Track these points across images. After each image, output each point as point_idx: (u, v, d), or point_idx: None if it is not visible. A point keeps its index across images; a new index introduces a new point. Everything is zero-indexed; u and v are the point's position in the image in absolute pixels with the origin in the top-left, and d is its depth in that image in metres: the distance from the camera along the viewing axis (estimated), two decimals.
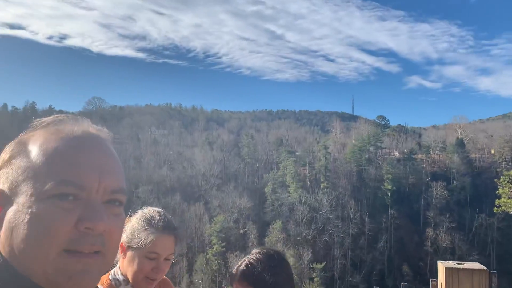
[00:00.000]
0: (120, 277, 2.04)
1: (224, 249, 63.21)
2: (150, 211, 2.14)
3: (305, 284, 56.93)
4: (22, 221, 0.82)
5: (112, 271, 2.09)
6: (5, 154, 0.92)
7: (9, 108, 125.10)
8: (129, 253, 2.02)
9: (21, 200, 0.84)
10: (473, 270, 2.71)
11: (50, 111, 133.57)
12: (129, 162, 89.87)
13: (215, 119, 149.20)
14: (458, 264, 2.84)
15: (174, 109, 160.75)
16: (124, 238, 2.04)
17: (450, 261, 2.94)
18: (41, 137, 0.90)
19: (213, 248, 63.77)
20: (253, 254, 2.10)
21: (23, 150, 0.90)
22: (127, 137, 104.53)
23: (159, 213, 2.13)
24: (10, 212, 0.85)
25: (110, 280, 2.05)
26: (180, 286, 59.56)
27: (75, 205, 0.84)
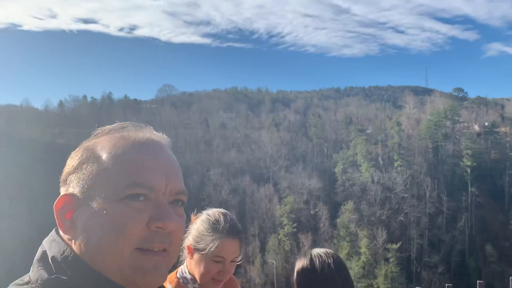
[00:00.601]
0: (188, 276, 2.11)
1: (295, 229, 63.36)
2: (215, 214, 2.15)
3: (380, 265, 55.56)
4: (97, 222, 0.89)
5: (180, 269, 2.17)
6: (74, 160, 0.97)
7: (89, 99, 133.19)
8: (196, 255, 2.08)
9: (95, 203, 0.90)
10: None
11: (125, 100, 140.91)
12: (200, 146, 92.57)
13: (281, 100, 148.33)
14: None
15: (240, 92, 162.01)
16: (190, 241, 2.10)
17: None
18: (108, 143, 0.96)
19: (284, 229, 64.14)
20: (304, 262, 2.13)
21: (92, 155, 0.95)
22: (196, 122, 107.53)
23: (224, 216, 2.14)
24: (84, 215, 0.91)
25: (178, 278, 2.13)
26: (254, 265, 60.84)
27: (146, 206, 0.91)
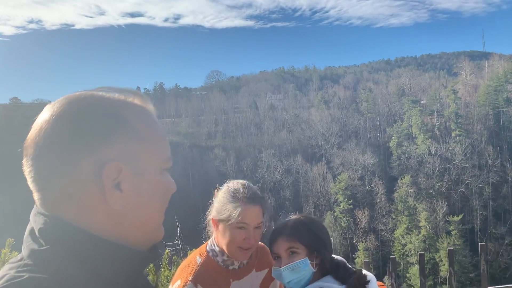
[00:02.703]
0: (216, 248, 2.16)
1: (351, 206, 62.94)
2: (234, 184, 2.19)
3: (442, 238, 54.15)
4: (149, 193, 0.93)
5: (209, 243, 2.23)
6: (99, 123, 0.88)
7: (142, 90, 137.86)
8: (220, 226, 2.13)
9: (146, 174, 0.92)
10: None
11: (176, 89, 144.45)
12: (250, 129, 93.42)
13: (329, 77, 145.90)
14: None
15: (287, 72, 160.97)
16: (214, 213, 2.16)
17: None
18: (136, 111, 0.95)
19: (340, 206, 63.94)
20: (297, 215, 2.12)
21: (124, 121, 0.91)
22: (245, 106, 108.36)
23: (243, 185, 2.18)
24: (134, 185, 0.90)
25: (207, 251, 2.19)
26: None
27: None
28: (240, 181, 2.22)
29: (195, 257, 2.19)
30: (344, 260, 2.12)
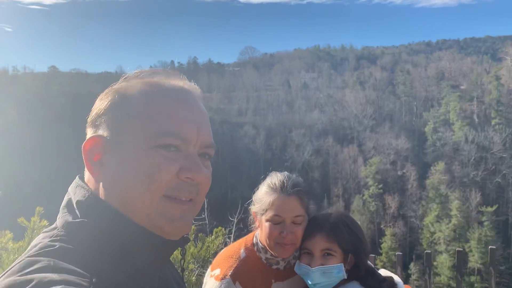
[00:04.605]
0: (260, 245, 2.06)
1: (381, 191, 62.09)
2: (274, 175, 2.06)
3: (473, 228, 52.83)
4: (129, 168, 0.88)
5: (256, 234, 2.11)
6: (104, 102, 0.95)
7: (176, 64, 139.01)
8: (259, 220, 2.03)
9: (127, 148, 0.90)
10: None
11: (209, 64, 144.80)
12: (282, 107, 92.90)
13: (366, 57, 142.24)
14: None
15: (322, 50, 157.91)
16: (254, 208, 2.05)
17: None
18: (141, 88, 0.94)
19: (369, 190, 63.18)
20: (337, 211, 2.02)
21: (124, 99, 0.93)
22: (278, 84, 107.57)
23: (283, 176, 2.03)
24: (115, 159, 0.90)
25: (253, 244, 2.09)
26: None
27: (177, 156, 0.91)
28: (283, 173, 2.07)
29: (240, 248, 2.09)
30: (372, 265, 2.00)
